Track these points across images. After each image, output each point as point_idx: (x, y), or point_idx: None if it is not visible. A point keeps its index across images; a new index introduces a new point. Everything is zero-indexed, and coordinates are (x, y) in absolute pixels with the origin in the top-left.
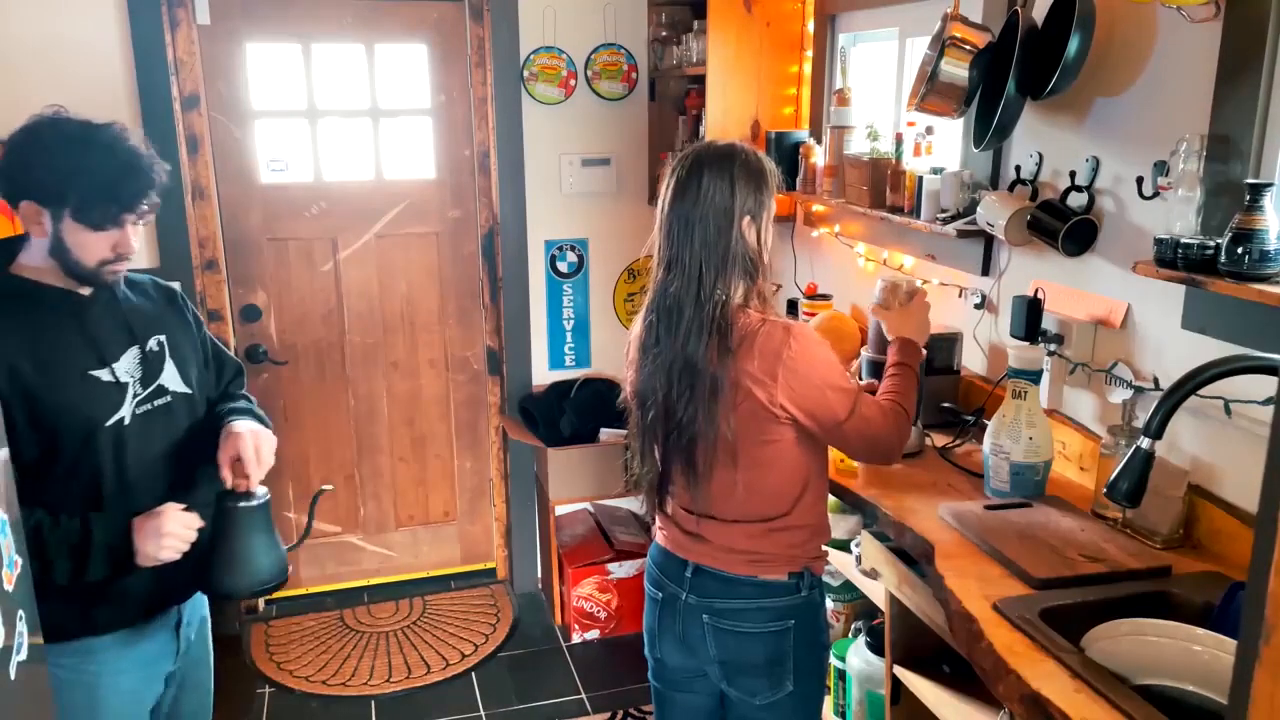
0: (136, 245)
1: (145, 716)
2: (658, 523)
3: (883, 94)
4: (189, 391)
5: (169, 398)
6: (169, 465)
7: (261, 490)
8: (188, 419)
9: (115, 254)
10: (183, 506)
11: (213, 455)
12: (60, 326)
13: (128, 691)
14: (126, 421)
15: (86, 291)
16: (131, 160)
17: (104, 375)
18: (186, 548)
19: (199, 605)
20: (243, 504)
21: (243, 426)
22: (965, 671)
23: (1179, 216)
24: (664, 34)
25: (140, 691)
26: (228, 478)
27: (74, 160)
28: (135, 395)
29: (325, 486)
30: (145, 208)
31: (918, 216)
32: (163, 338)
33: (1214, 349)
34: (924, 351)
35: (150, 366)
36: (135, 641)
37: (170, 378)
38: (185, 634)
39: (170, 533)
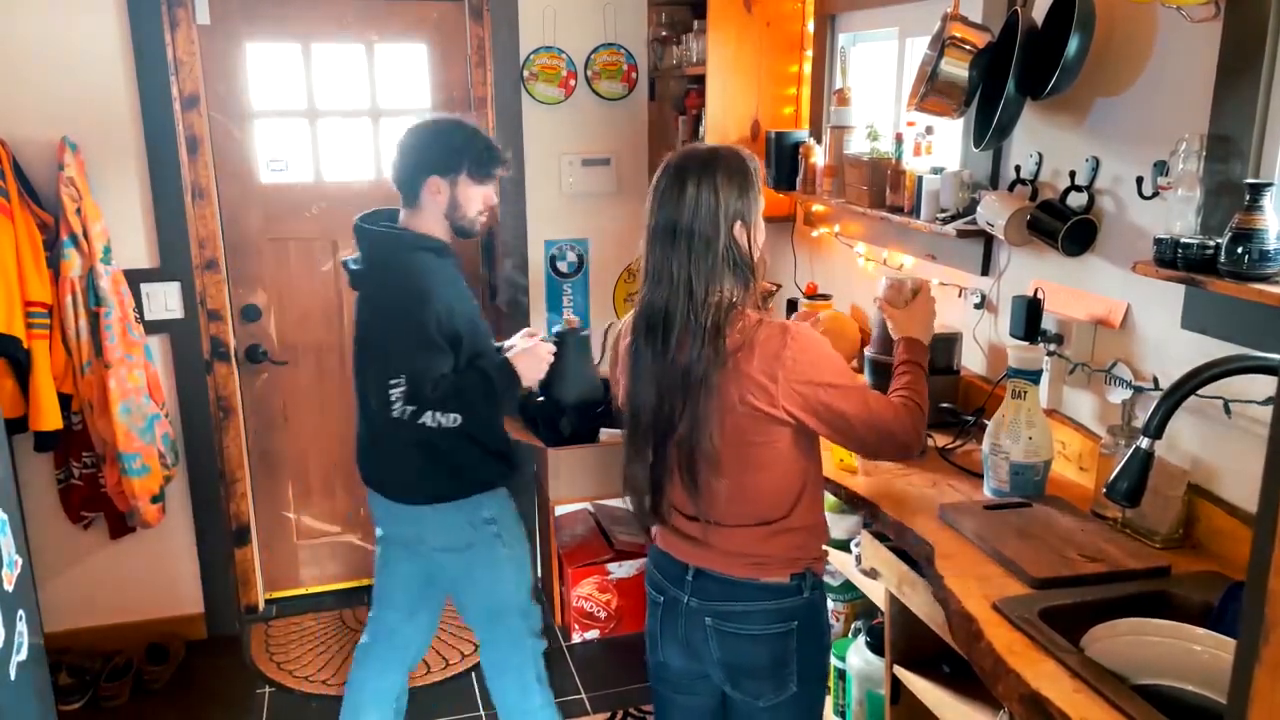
0: (495, 200)
1: None
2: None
3: (883, 94)
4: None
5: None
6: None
7: (584, 327)
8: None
9: (485, 206)
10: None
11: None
12: (456, 272)
13: (517, 512)
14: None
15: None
16: (486, 134)
17: (476, 305)
18: (546, 370)
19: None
20: (576, 335)
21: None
22: (965, 671)
23: (1179, 216)
24: (664, 34)
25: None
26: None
27: (461, 137)
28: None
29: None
30: (502, 167)
31: (918, 216)
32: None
33: (1214, 349)
34: (929, 350)
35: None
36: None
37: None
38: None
39: (541, 356)
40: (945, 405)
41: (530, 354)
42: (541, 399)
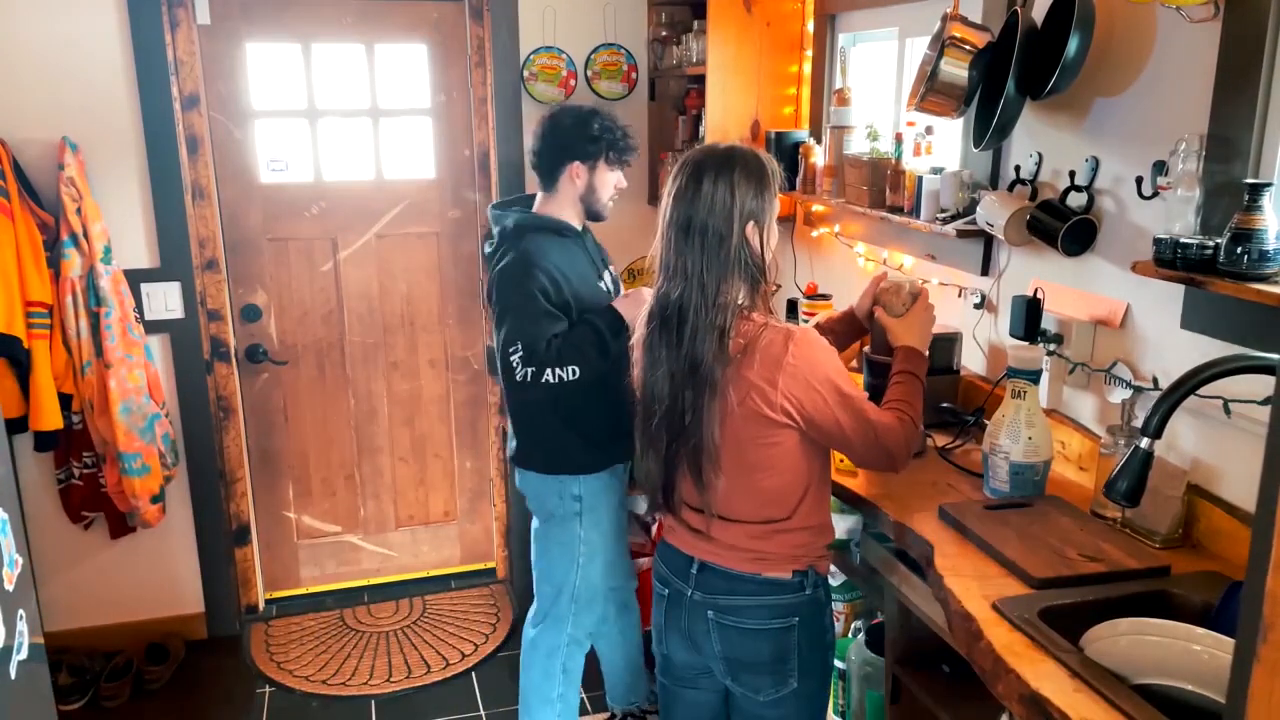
0: (624, 185)
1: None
2: (666, 520)
3: (883, 94)
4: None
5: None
6: None
7: None
8: None
9: (615, 190)
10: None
11: None
12: (579, 252)
13: (617, 507)
14: None
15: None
16: (621, 123)
17: (602, 285)
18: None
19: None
20: None
21: None
22: (965, 671)
23: (1178, 216)
24: (664, 34)
25: (621, 509)
26: None
27: (599, 125)
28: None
29: None
30: (635, 155)
31: (917, 216)
32: (613, 269)
33: (1213, 349)
34: (928, 359)
35: (615, 286)
36: (617, 473)
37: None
38: (624, 477)
39: (644, 298)
40: (945, 405)
41: (632, 296)
42: None
